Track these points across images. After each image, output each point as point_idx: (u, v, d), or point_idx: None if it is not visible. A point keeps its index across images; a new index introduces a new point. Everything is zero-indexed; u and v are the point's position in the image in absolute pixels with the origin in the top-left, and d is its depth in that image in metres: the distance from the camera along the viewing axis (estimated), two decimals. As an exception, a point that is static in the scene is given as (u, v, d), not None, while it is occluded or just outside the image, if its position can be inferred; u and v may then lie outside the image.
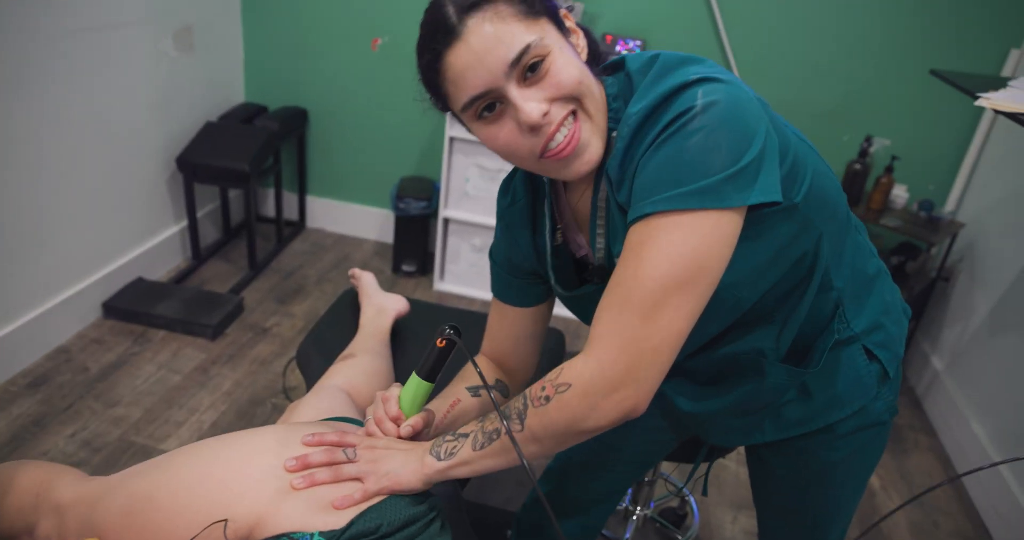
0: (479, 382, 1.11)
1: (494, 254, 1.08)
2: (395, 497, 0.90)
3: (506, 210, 1.03)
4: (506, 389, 1.14)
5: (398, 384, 1.03)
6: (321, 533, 0.85)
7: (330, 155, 3.07)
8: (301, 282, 2.81)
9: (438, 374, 0.99)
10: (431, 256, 2.97)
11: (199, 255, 2.78)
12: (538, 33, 0.76)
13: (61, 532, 0.97)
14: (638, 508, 1.69)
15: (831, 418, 1.00)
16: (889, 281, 1.02)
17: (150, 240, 2.62)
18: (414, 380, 0.98)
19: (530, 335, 1.11)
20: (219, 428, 2.05)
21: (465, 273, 2.85)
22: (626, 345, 0.74)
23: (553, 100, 0.77)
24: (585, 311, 0.99)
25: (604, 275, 0.91)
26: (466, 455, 0.88)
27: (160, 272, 2.70)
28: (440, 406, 1.06)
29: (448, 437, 0.91)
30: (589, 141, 0.80)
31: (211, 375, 2.25)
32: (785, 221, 0.81)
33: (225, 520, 0.87)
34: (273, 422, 2.09)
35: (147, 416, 2.06)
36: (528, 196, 1.00)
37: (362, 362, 1.45)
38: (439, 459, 0.89)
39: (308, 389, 1.55)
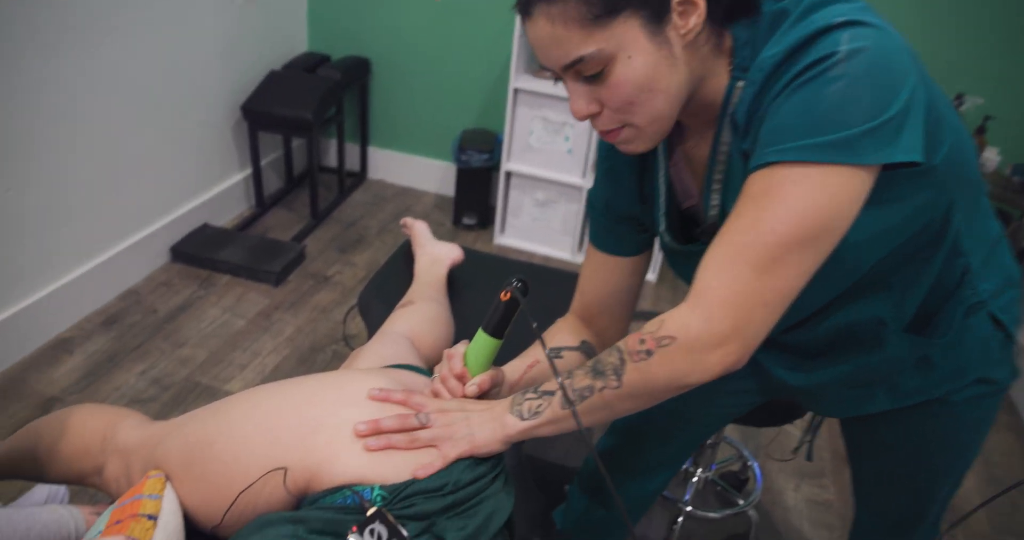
0: (563, 342, 1.06)
1: (593, 199, 1.02)
2: (463, 458, 0.87)
3: (610, 150, 0.96)
4: (592, 350, 1.08)
5: (465, 342, 0.99)
6: (382, 487, 0.82)
7: (392, 106, 3.03)
8: (362, 232, 2.80)
9: (505, 330, 0.93)
10: (492, 209, 2.92)
11: (263, 203, 2.79)
12: (600, 43, 0.72)
13: (128, 474, 0.96)
14: (699, 470, 1.64)
15: (952, 386, 0.93)
16: (1005, 242, 0.93)
17: (216, 187, 2.64)
18: (480, 336, 0.94)
19: (626, 288, 1.05)
20: (281, 372, 2.07)
21: (527, 227, 2.80)
22: (736, 299, 0.70)
23: (605, 105, 0.77)
24: (687, 267, 0.92)
25: (715, 233, 0.84)
26: (553, 414, 0.83)
27: (225, 219, 2.72)
28: (517, 366, 1.01)
29: (529, 394, 0.87)
30: (632, 141, 0.80)
31: (273, 321, 2.27)
32: (920, 184, 0.74)
33: (284, 469, 0.85)
34: (333, 369, 2.10)
35: (212, 358, 2.09)
36: None
37: (421, 309, 1.42)
38: (522, 418, 0.84)
39: (369, 337, 1.53)
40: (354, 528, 0.77)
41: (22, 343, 1.98)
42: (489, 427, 0.86)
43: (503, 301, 0.91)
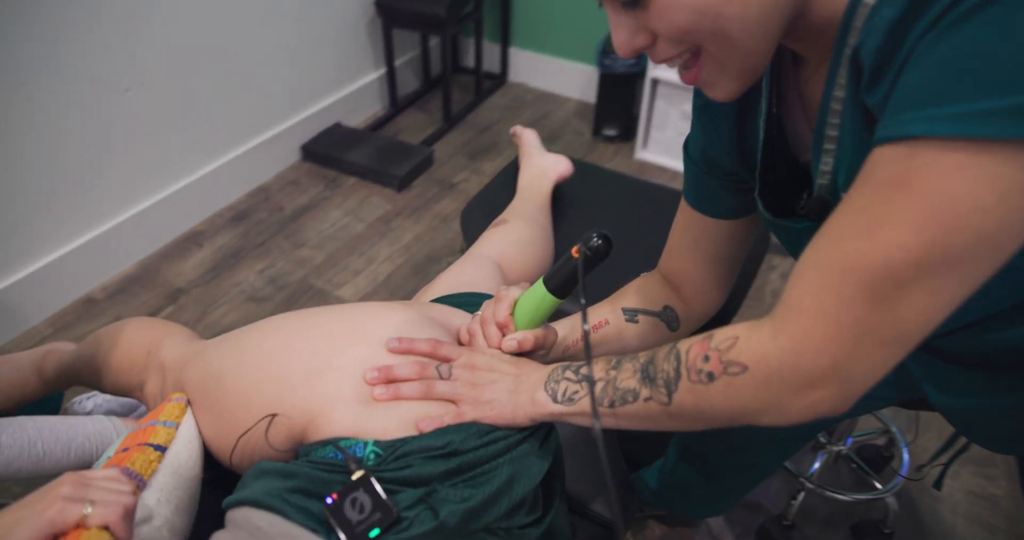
0: (643, 304, 0.86)
1: (689, 145, 0.80)
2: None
3: None
4: (675, 319, 0.88)
5: (524, 285, 0.81)
6: (377, 442, 0.70)
7: (535, 3, 2.76)
8: (495, 139, 2.63)
9: (569, 291, 0.75)
10: (635, 120, 2.64)
11: (396, 104, 2.69)
12: None
13: (163, 392, 0.91)
14: (832, 442, 1.39)
15: None
16: None
17: (349, 86, 2.56)
18: (538, 288, 0.76)
19: (719, 257, 0.83)
20: (393, 281, 2.01)
21: (671, 142, 2.50)
22: (841, 332, 0.50)
23: (659, 35, 0.58)
24: (793, 245, 0.71)
25: (823, 210, 0.62)
26: (587, 406, 0.67)
27: (357, 119, 2.65)
28: (577, 326, 0.85)
29: (569, 374, 0.70)
30: (716, 82, 0.60)
31: (392, 227, 2.20)
32: None
33: (273, 415, 0.75)
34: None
35: (328, 261, 2.06)
36: None
37: (515, 229, 1.25)
38: (554, 401, 0.69)
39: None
40: (334, 495, 0.65)
41: (159, 234, 2.05)
42: (518, 400, 0.71)
43: (574, 259, 0.72)
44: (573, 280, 0.74)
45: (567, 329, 0.86)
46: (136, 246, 1.99)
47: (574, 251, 0.72)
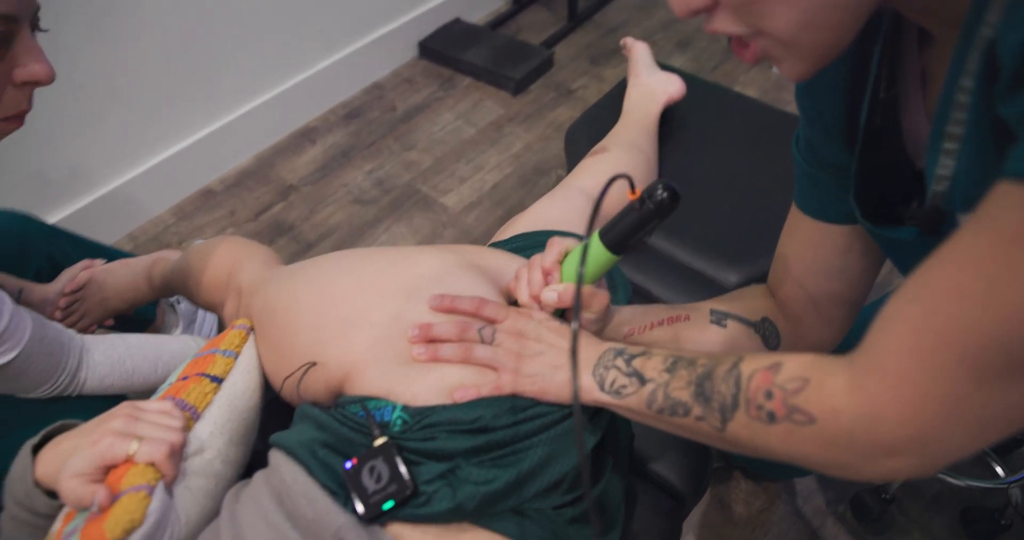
0: (743, 310, 0.75)
1: (798, 138, 0.67)
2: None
3: None
4: (773, 335, 0.76)
5: (566, 239, 0.71)
6: (406, 408, 0.65)
7: None
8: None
9: (628, 246, 0.64)
10: (782, 26, 2.33)
11: (520, -1, 2.51)
12: None
13: (236, 315, 0.91)
14: None
15: None
16: None
17: (472, -24, 2.39)
18: (593, 241, 0.65)
19: (834, 273, 0.69)
20: (499, 191, 1.93)
21: (820, 53, 2.19)
22: (931, 406, 0.41)
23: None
24: (901, 260, 0.60)
25: (936, 222, 0.52)
26: (636, 405, 0.61)
27: (478, 15, 2.49)
28: (644, 315, 0.75)
29: (620, 363, 0.61)
30: (781, 59, 0.47)
31: (504, 133, 2.09)
32: None
33: (311, 364, 0.72)
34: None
35: (436, 165, 2.01)
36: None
37: (613, 159, 1.13)
38: (601, 388, 0.62)
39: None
40: (354, 460, 0.62)
41: (274, 129, 2.05)
42: (561, 377, 0.64)
43: (633, 206, 0.61)
44: (631, 234, 0.63)
45: (633, 314, 0.75)
46: (252, 140, 2.01)
47: (630, 195, 0.61)
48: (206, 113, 1.86)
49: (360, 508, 0.61)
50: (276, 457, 0.68)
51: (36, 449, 0.64)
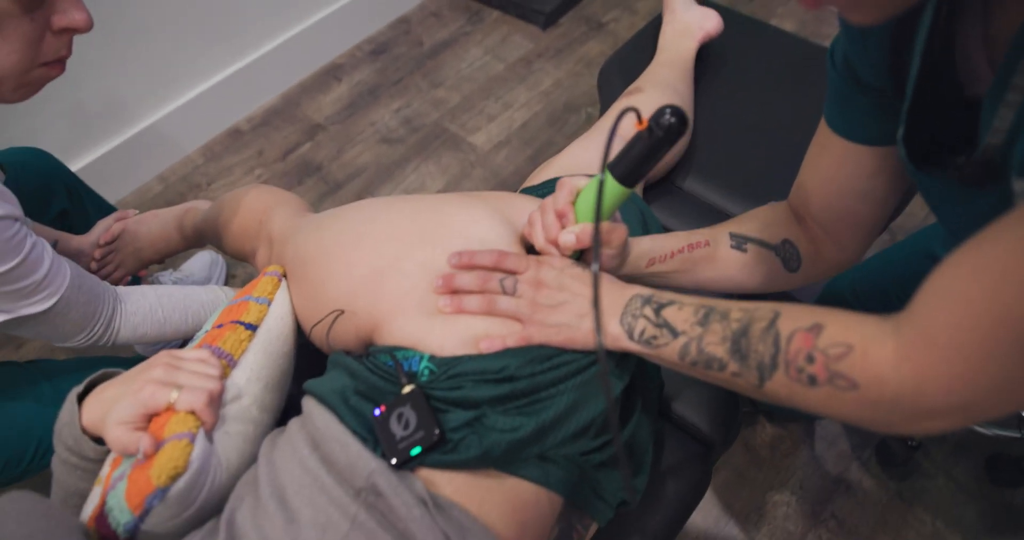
0: (759, 233, 0.73)
1: (834, 49, 0.62)
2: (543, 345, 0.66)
3: None
4: (794, 258, 0.74)
5: (578, 177, 0.69)
6: (432, 359, 0.66)
7: None
8: (656, -30, 2.30)
9: (639, 178, 0.62)
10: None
11: (551, -76, 2.38)
12: None
13: (268, 263, 0.91)
14: None
15: None
16: None
17: (500, -100, 2.27)
18: (605, 177, 0.63)
19: (860, 194, 0.67)
20: (528, 130, 1.89)
21: (867, -18, 2.07)
22: (980, 379, 0.42)
23: None
24: (941, 205, 0.58)
25: (986, 175, 0.50)
26: (667, 355, 0.61)
27: (507, -59, 2.38)
28: (668, 242, 0.74)
29: (649, 312, 0.60)
30: (847, 8, 0.44)
31: (533, 69, 2.03)
32: None
33: (339, 312, 0.72)
34: (581, 135, 1.87)
35: (464, 103, 1.96)
36: None
37: (648, 100, 1.09)
38: (630, 337, 0.61)
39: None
40: (383, 407, 0.64)
41: (301, 66, 2.01)
42: (588, 325, 0.64)
43: (641, 135, 0.59)
44: (643, 164, 0.61)
45: (651, 244, 0.74)
46: (279, 78, 1.98)
47: (638, 125, 0.58)
48: (232, 50, 1.83)
49: (388, 454, 0.63)
50: (309, 404, 0.69)
51: (81, 397, 0.66)
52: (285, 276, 0.83)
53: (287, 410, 0.81)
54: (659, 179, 1.14)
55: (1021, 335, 0.39)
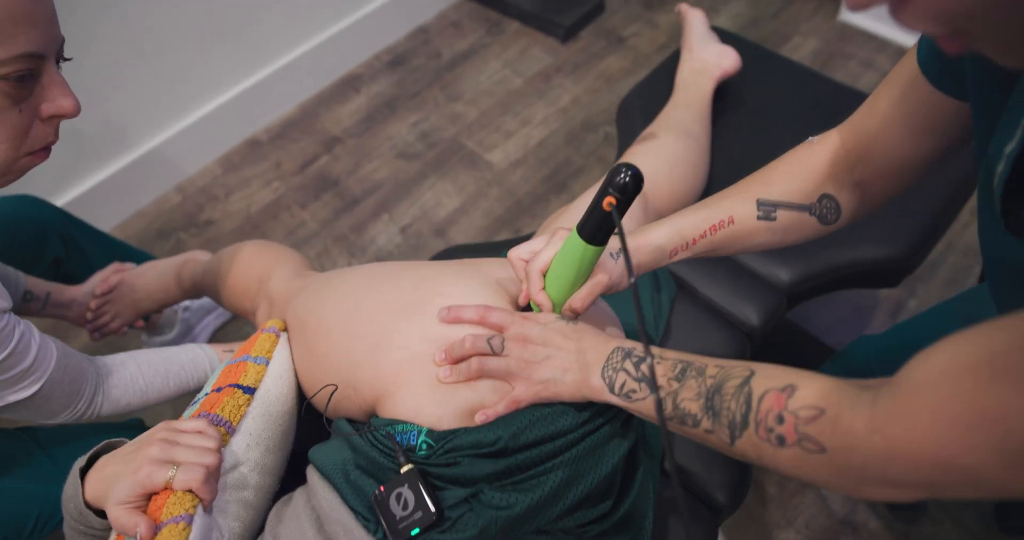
0: (792, 190, 0.70)
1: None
2: (536, 410, 0.66)
3: None
4: (833, 211, 0.71)
5: (561, 231, 0.68)
6: (430, 433, 0.65)
7: None
8: (679, -18, 2.24)
9: (608, 235, 0.62)
10: (855, -32, 2.12)
11: (574, -66, 2.32)
12: None
13: None
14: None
15: None
16: None
17: (524, -90, 2.21)
18: (574, 241, 0.63)
19: (929, 131, 0.63)
20: (545, 149, 1.85)
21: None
22: (958, 470, 0.40)
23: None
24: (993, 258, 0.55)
25: None
26: (645, 410, 0.62)
27: (529, -49, 2.32)
28: (694, 228, 0.70)
29: (629, 366, 0.62)
30: (1004, 53, 0.38)
31: (552, 85, 1.99)
32: None
33: (333, 387, 0.73)
34: (598, 155, 1.83)
35: (481, 119, 1.93)
36: None
37: (663, 146, 1.05)
38: (611, 390, 0.63)
39: (618, 156, 1.22)
40: (381, 487, 0.63)
41: (319, 77, 1.99)
42: (574, 378, 0.64)
43: (599, 199, 0.59)
44: (609, 225, 0.60)
45: (668, 233, 0.71)
46: (298, 88, 1.95)
47: (604, 204, 0.58)
48: (252, 62, 1.80)
49: (390, 535, 0.62)
50: (313, 477, 0.69)
51: (85, 469, 0.64)
52: (285, 329, 0.81)
53: (291, 466, 0.79)
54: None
55: (1000, 439, 0.38)
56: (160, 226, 1.76)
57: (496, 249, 1.12)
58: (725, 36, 1.30)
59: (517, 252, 0.71)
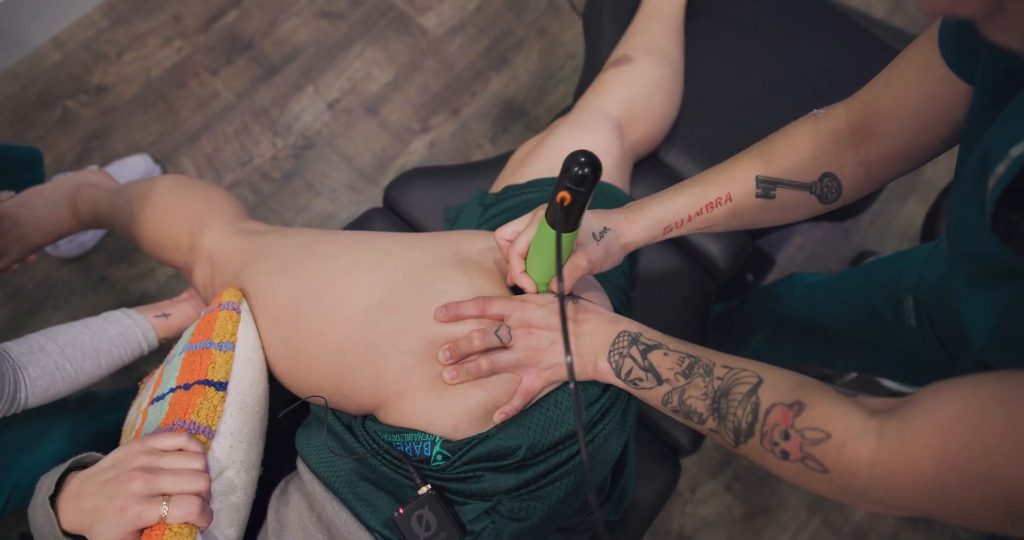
0: (793, 167, 0.65)
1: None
2: (548, 410, 0.64)
3: None
4: (834, 190, 0.66)
5: (530, 222, 0.63)
6: (445, 444, 0.62)
7: None
8: None
9: (578, 221, 0.57)
10: None
11: None
12: None
13: (213, 286, 0.78)
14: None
15: None
16: None
17: None
18: (545, 228, 0.58)
19: (939, 118, 0.58)
20: (485, 14, 1.64)
21: None
22: (954, 505, 0.41)
23: None
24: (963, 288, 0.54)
25: None
26: (650, 398, 0.61)
27: None
28: (690, 205, 0.66)
29: (635, 353, 0.61)
30: (997, 30, 0.34)
31: (492, -66, 1.71)
32: None
33: (326, 404, 0.69)
34: (540, 26, 1.63)
35: (413, -27, 1.66)
36: None
37: (640, 72, 0.95)
38: (618, 375, 0.62)
39: (583, 75, 1.09)
40: (400, 510, 0.61)
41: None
42: (579, 361, 0.64)
43: (559, 199, 0.54)
44: (572, 212, 0.55)
45: (664, 209, 0.66)
46: (191, -83, 1.58)
47: (560, 197, 0.54)
48: None
49: None
50: (315, 488, 0.65)
51: (53, 496, 0.57)
52: (243, 301, 0.72)
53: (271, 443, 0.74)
54: (645, 157, 1.02)
55: (1003, 501, 0.39)
56: (40, 91, 1.46)
57: (460, 173, 1.01)
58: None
59: (502, 232, 0.65)
